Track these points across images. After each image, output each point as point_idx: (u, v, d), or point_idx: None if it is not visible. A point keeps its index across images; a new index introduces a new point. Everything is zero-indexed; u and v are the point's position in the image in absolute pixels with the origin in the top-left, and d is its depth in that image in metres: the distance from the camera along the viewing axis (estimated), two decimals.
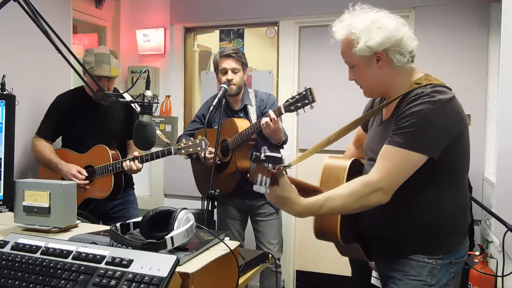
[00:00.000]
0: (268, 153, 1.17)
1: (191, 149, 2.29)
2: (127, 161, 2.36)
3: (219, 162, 2.57)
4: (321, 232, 1.50)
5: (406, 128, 1.30)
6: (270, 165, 1.16)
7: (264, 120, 2.28)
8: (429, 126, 1.29)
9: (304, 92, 2.16)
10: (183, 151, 2.29)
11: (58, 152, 2.52)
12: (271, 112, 2.28)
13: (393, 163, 1.31)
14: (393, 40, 1.34)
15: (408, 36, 1.37)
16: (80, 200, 2.41)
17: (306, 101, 2.15)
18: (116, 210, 2.57)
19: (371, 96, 1.54)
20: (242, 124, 2.52)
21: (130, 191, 2.68)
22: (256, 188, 1.18)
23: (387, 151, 1.33)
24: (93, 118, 2.49)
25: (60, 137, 2.63)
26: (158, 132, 1.88)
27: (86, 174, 2.42)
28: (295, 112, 2.22)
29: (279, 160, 1.16)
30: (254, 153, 1.17)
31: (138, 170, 2.39)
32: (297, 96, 2.19)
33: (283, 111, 2.25)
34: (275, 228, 2.74)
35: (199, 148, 2.27)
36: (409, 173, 1.31)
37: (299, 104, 2.18)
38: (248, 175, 1.21)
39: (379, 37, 1.33)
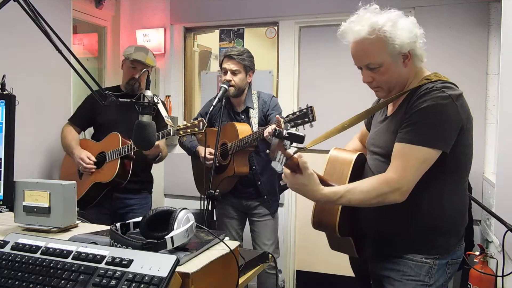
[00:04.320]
0: (291, 131, 1.22)
1: (189, 130, 2.32)
2: None
3: (217, 165, 2.57)
4: (319, 223, 1.51)
5: (418, 124, 1.31)
6: (288, 143, 1.20)
7: (267, 131, 2.28)
8: (441, 120, 1.31)
9: (305, 110, 2.16)
10: (181, 132, 2.33)
11: (80, 141, 2.67)
12: (270, 128, 2.28)
13: (409, 162, 1.32)
14: (417, 37, 1.38)
15: (421, 34, 1.40)
16: (88, 185, 2.55)
17: (306, 119, 2.16)
18: (126, 210, 2.61)
19: (387, 96, 1.50)
20: (243, 129, 2.53)
21: (145, 194, 2.73)
22: (273, 164, 1.21)
23: (402, 149, 1.34)
24: (121, 114, 2.58)
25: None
26: (167, 119, 1.88)
27: (94, 160, 2.54)
28: (294, 129, 2.22)
29: (301, 138, 1.22)
30: (278, 129, 1.21)
31: (156, 148, 2.47)
32: (297, 113, 2.18)
33: (282, 126, 2.23)
34: (270, 229, 2.75)
35: (196, 129, 2.30)
36: (425, 170, 1.32)
37: (299, 121, 2.18)
38: (267, 151, 1.24)
39: (409, 34, 1.35)
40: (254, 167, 2.63)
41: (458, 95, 1.33)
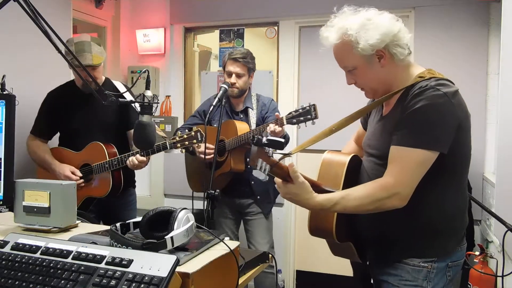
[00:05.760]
0: (270, 137, 1.19)
1: (186, 142, 2.23)
2: (130, 157, 2.30)
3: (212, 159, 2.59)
4: (316, 229, 1.49)
5: (413, 126, 1.27)
6: (270, 150, 1.17)
7: (270, 129, 2.30)
8: (437, 120, 1.26)
9: (308, 107, 2.23)
10: (178, 145, 2.23)
11: (54, 152, 2.48)
12: (271, 126, 2.31)
13: (406, 165, 1.27)
14: (391, 35, 1.32)
15: (402, 29, 1.35)
16: (80, 200, 2.40)
17: (309, 116, 2.23)
18: (115, 211, 2.53)
19: (374, 97, 1.49)
20: (241, 127, 2.55)
21: (131, 191, 2.64)
22: (255, 173, 1.18)
23: (398, 153, 1.29)
24: (87, 111, 2.42)
25: (58, 134, 2.58)
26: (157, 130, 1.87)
27: (80, 175, 2.38)
28: (297, 126, 2.28)
29: (281, 144, 1.19)
30: (256, 136, 1.19)
31: (143, 163, 2.30)
32: (300, 110, 2.25)
33: (285, 123, 2.30)
34: (264, 227, 2.76)
35: (194, 141, 2.22)
36: (423, 173, 1.28)
37: (302, 118, 2.25)
38: (248, 159, 1.22)
39: (378, 33, 1.30)
40: (249, 166, 2.64)
41: (454, 92, 1.28)
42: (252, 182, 2.66)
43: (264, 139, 1.18)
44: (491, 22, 2.98)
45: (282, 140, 1.21)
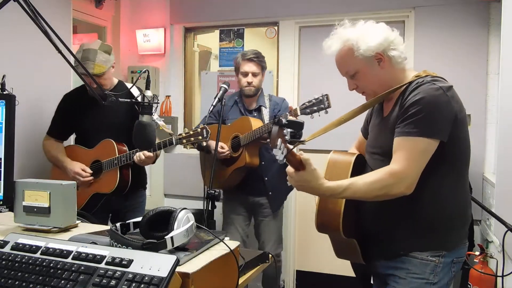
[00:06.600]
0: (291, 118, 1.20)
1: (192, 138, 2.24)
2: (136, 153, 2.32)
3: (228, 157, 2.64)
4: (323, 224, 1.51)
5: (414, 116, 1.35)
6: (289, 132, 1.20)
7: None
8: (435, 110, 1.34)
9: (321, 98, 2.33)
10: (184, 141, 2.25)
11: (68, 149, 2.56)
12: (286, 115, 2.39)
13: (410, 154, 1.34)
14: (388, 40, 1.45)
15: (397, 38, 1.48)
16: (87, 196, 2.45)
17: (322, 106, 2.32)
18: (124, 211, 2.54)
19: None
20: (256, 123, 2.60)
21: (141, 192, 2.65)
22: (275, 151, 1.21)
23: (402, 143, 1.37)
24: (99, 112, 2.45)
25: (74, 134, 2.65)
26: (160, 123, 1.87)
27: (90, 171, 2.43)
28: (310, 116, 2.34)
29: (301, 126, 1.23)
30: (278, 117, 1.21)
31: (150, 158, 2.33)
32: (313, 101, 2.34)
33: (299, 113, 2.36)
34: (273, 228, 2.81)
35: (200, 137, 2.23)
36: (426, 161, 1.35)
37: (315, 108, 2.33)
38: (268, 140, 1.25)
39: (377, 38, 1.43)
40: (263, 162, 2.68)
41: (449, 87, 1.38)
42: (266, 179, 2.72)
43: (284, 120, 1.20)
44: (491, 22, 2.98)
45: (302, 121, 1.24)
